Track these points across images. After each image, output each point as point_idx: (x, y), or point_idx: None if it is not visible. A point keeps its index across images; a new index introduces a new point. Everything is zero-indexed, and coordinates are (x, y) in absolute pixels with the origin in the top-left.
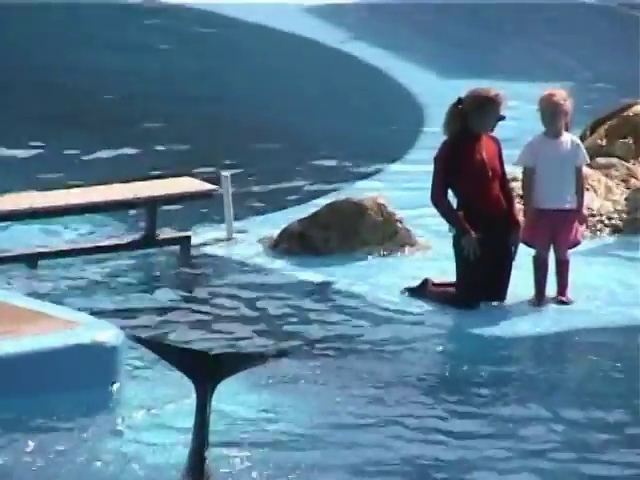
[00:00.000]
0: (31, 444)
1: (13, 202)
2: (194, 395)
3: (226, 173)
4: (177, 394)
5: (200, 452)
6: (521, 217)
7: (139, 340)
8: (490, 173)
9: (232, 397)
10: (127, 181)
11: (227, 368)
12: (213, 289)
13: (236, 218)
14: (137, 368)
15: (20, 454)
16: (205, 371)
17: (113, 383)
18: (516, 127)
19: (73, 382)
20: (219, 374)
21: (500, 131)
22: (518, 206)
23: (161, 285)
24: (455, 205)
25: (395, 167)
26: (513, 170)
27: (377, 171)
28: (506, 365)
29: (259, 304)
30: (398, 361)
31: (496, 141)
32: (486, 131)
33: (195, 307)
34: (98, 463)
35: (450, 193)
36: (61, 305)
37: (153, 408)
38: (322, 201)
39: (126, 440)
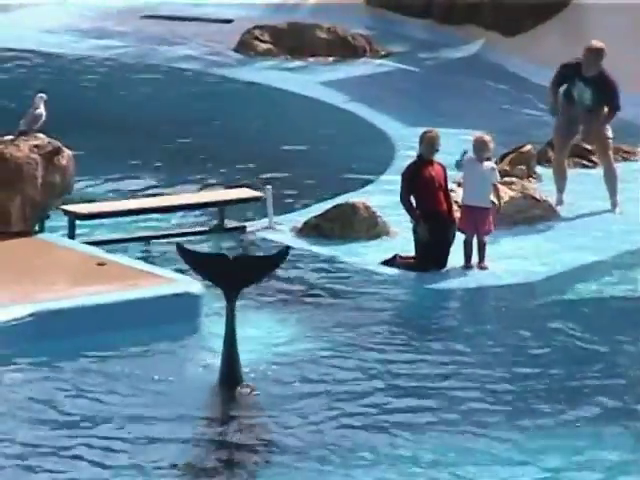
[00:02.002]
0: (145, 364)
1: (130, 204)
2: (260, 328)
3: (268, 186)
4: (242, 331)
5: (232, 346)
6: (456, 215)
7: (181, 249)
8: (437, 185)
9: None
10: (204, 189)
11: (246, 269)
12: None
13: (276, 214)
14: (215, 312)
15: (134, 374)
16: (229, 271)
17: (198, 321)
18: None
19: (169, 320)
20: (242, 274)
21: (446, 159)
22: (455, 208)
23: None
24: (415, 205)
25: (377, 182)
26: (452, 186)
27: (365, 183)
28: (443, 307)
29: (284, 267)
30: (366, 307)
31: (443, 167)
32: (428, 157)
33: None
34: (193, 379)
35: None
36: (162, 267)
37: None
38: (330, 203)
39: (208, 362)
